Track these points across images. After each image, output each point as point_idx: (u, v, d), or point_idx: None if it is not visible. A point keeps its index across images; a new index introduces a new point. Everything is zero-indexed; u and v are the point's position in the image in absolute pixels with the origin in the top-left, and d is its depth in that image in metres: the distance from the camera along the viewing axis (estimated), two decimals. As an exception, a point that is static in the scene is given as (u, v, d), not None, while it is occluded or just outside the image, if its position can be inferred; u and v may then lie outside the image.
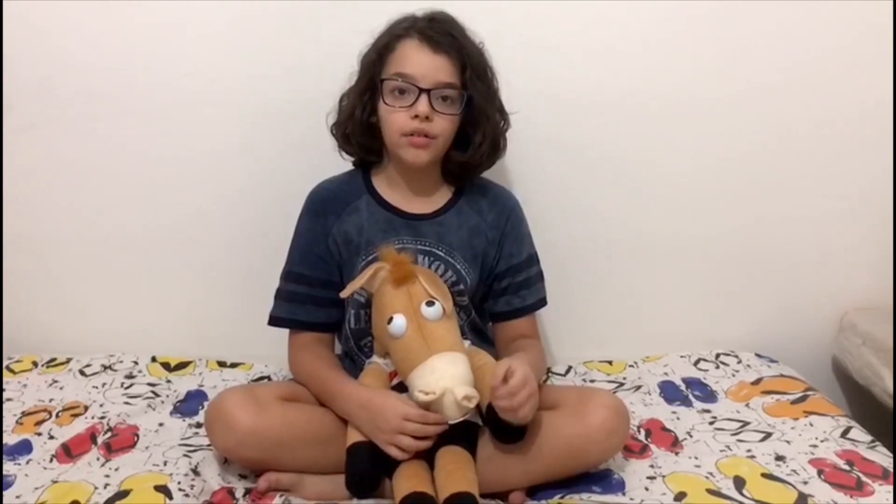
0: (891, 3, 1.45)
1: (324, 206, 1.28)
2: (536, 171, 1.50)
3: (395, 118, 1.18)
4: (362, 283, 1.15)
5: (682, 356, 1.59)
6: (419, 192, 1.28)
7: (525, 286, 1.31)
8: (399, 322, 1.10)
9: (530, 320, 1.34)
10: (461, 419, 1.06)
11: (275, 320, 1.29)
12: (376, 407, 1.09)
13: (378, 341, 1.19)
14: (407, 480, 1.06)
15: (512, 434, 1.09)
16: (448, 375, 1.06)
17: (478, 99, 1.21)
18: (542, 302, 1.34)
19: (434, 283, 1.13)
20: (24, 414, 1.34)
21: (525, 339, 1.31)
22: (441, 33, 1.18)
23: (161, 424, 1.32)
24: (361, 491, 1.08)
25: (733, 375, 1.52)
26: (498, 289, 1.31)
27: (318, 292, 1.27)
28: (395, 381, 1.16)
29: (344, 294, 1.17)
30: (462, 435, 1.11)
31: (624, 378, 1.52)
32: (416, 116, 1.16)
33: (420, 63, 1.17)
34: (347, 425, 1.13)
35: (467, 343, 1.20)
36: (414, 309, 1.10)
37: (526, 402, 1.04)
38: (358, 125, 1.24)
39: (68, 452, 1.22)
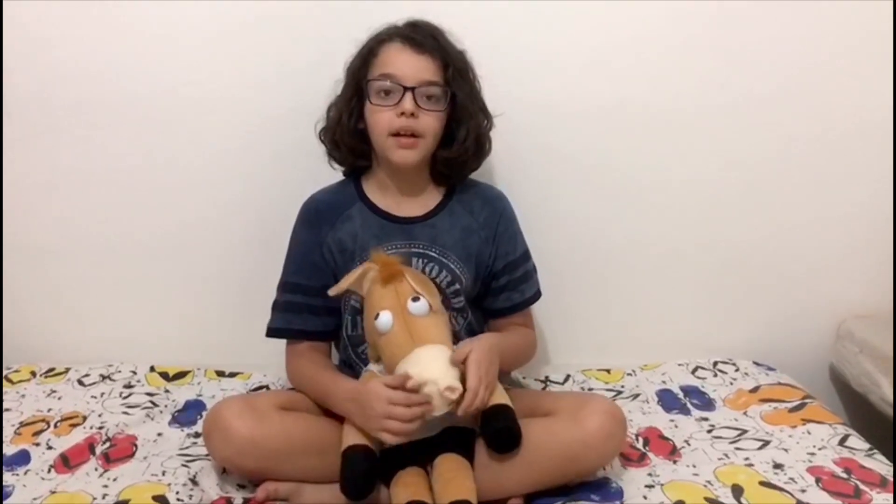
0: (890, 10, 1.46)
1: (318, 216, 1.30)
2: (533, 179, 1.51)
3: (382, 117, 1.20)
4: (351, 282, 1.16)
5: (680, 364, 1.59)
6: (410, 194, 1.30)
7: (523, 280, 1.34)
8: (385, 318, 1.11)
9: (527, 312, 1.37)
10: (446, 411, 1.07)
11: (272, 331, 1.30)
12: (363, 397, 1.10)
13: (370, 343, 1.20)
14: (405, 489, 1.06)
15: (506, 443, 1.09)
16: (433, 368, 1.07)
17: (461, 96, 1.23)
18: (538, 294, 1.37)
19: (421, 282, 1.16)
20: (23, 424, 1.34)
21: (515, 326, 1.34)
22: (423, 35, 1.21)
23: (159, 434, 1.32)
24: (357, 495, 1.08)
25: (731, 383, 1.52)
26: (497, 286, 1.33)
27: (315, 301, 1.27)
28: None
29: (332, 292, 1.18)
30: (460, 442, 1.11)
31: (622, 386, 1.52)
32: (403, 114, 1.18)
33: (404, 63, 1.20)
34: (342, 430, 1.13)
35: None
36: (401, 305, 1.12)
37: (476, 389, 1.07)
38: (346, 130, 1.26)
39: (66, 462, 1.22)
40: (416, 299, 1.12)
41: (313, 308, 1.28)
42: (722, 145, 1.53)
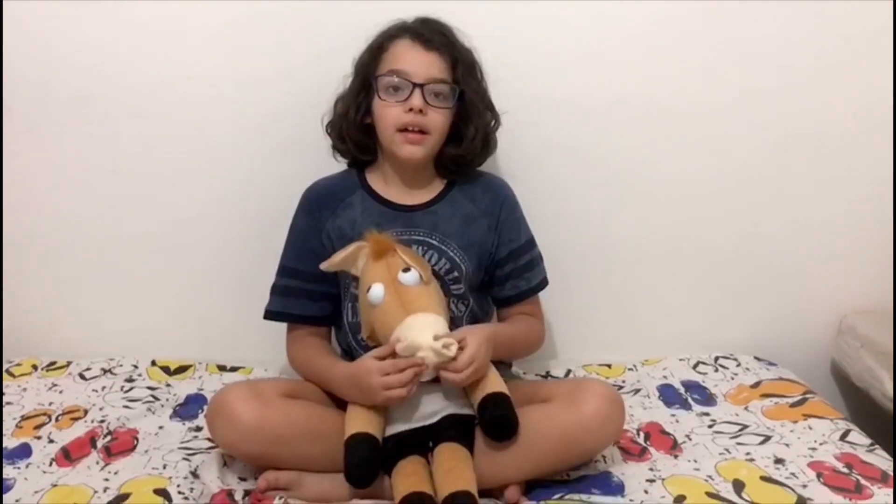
0: (890, 7, 1.45)
1: (318, 202, 1.31)
2: (535, 174, 1.51)
3: (390, 113, 1.21)
4: (344, 257, 1.17)
5: (680, 359, 1.59)
6: (413, 187, 1.31)
7: (529, 268, 1.34)
8: (377, 290, 1.13)
9: (534, 300, 1.37)
10: (437, 373, 1.09)
11: (270, 314, 1.31)
12: (358, 376, 1.12)
13: (364, 324, 1.20)
14: (406, 479, 1.07)
15: (502, 431, 1.10)
16: (427, 333, 1.08)
17: (469, 93, 1.24)
18: (545, 282, 1.37)
19: (412, 255, 1.17)
20: (24, 418, 1.34)
21: (522, 315, 1.34)
22: (432, 33, 1.23)
23: (161, 428, 1.32)
24: (360, 482, 1.08)
25: (732, 378, 1.52)
26: (502, 274, 1.33)
27: (312, 286, 1.28)
28: None
29: (324, 266, 1.19)
30: (460, 429, 1.12)
31: (623, 381, 1.52)
32: (411, 110, 1.19)
33: (413, 60, 1.21)
34: (344, 419, 1.13)
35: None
36: (392, 277, 1.13)
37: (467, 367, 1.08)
38: (352, 125, 1.27)
39: (68, 456, 1.22)
40: (406, 270, 1.13)
41: (311, 293, 1.29)
42: (724, 142, 1.53)
